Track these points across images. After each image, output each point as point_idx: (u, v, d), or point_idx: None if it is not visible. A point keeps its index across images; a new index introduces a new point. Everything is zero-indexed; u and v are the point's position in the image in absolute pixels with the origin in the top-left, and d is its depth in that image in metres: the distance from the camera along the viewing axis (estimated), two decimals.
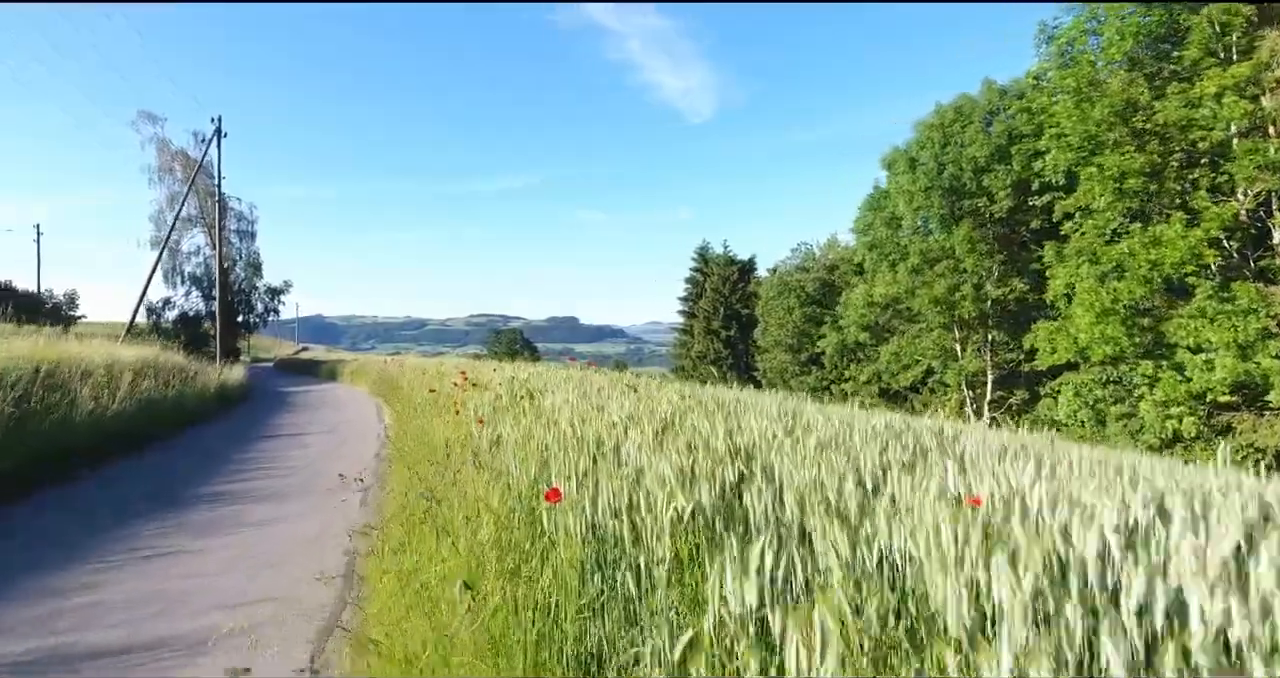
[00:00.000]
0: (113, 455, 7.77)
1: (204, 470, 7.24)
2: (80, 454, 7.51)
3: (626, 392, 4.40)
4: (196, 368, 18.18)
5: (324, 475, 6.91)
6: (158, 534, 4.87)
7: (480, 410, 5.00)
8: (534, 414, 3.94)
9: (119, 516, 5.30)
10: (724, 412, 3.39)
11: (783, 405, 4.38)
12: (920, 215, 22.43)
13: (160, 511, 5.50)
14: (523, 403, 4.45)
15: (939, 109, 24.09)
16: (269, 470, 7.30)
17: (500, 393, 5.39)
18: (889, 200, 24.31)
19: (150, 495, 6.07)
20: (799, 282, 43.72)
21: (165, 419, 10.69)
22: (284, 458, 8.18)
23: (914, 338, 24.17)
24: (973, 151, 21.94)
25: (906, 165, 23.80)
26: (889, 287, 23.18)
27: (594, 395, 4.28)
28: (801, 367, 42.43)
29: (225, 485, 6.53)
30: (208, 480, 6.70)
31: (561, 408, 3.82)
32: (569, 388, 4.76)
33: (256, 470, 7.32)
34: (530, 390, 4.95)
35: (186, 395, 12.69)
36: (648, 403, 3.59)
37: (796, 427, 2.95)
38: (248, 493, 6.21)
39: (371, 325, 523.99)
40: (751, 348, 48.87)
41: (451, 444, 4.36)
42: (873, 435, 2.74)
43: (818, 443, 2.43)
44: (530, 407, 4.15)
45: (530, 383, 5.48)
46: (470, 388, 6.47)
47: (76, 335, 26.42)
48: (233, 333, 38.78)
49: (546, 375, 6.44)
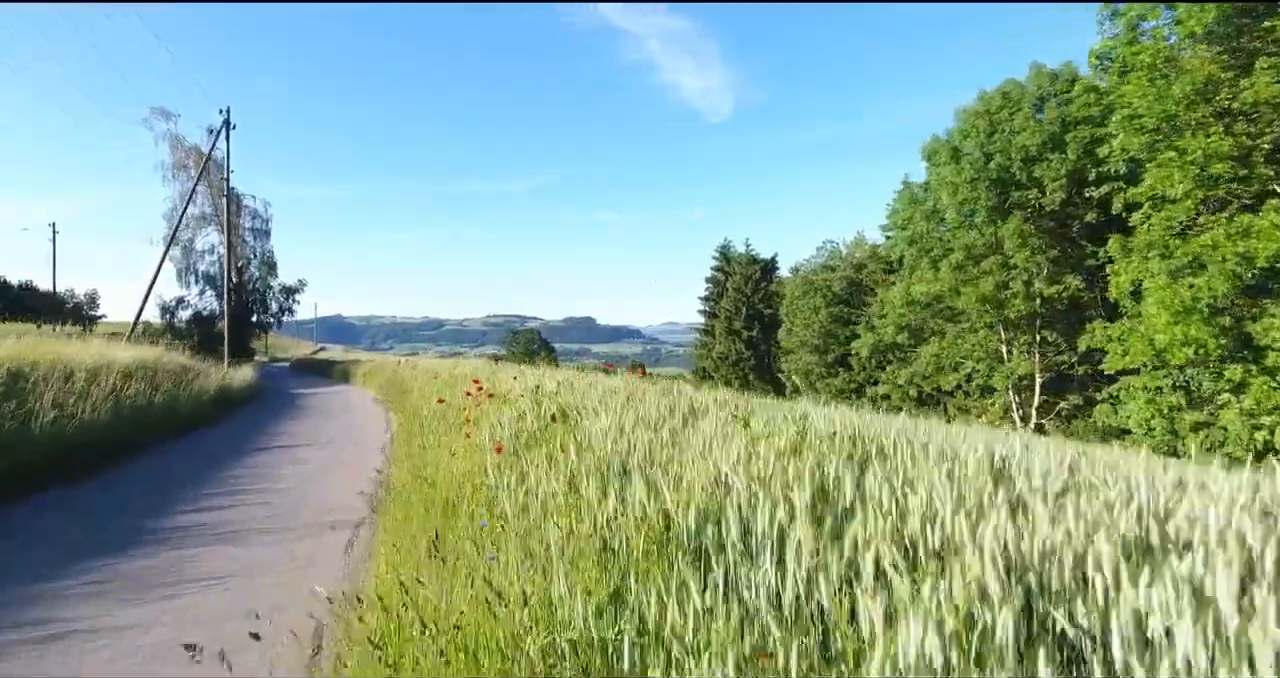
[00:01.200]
0: (71, 473, 6.68)
1: (170, 493, 6.11)
2: (34, 471, 6.42)
3: (706, 417, 3.16)
4: (201, 369, 17.22)
5: (309, 504, 5.75)
6: (74, 595, 3.71)
7: (498, 434, 3.78)
8: (575, 449, 2.71)
9: (31, 562, 4.16)
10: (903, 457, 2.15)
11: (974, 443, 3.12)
12: (965, 208, 20.94)
13: (93, 554, 4.35)
14: (555, 431, 3.23)
15: (983, 96, 22.60)
16: (246, 496, 6.14)
17: (523, 409, 4.16)
18: (930, 193, 22.85)
19: (91, 529, 4.93)
20: (825, 281, 42.36)
21: (152, 426, 9.63)
22: (270, 477, 7.03)
23: (955, 339, 22.66)
24: (1023, 140, 20.44)
25: (949, 156, 22.34)
26: (930, 284, 21.70)
27: (658, 419, 3.04)
28: (828, 369, 41.05)
29: (188, 516, 5.38)
30: (168, 509, 5.55)
31: (615, 439, 2.58)
32: (616, 406, 3.53)
33: (232, 495, 6.17)
34: (563, 410, 3.72)
35: (180, 400, 11.65)
36: (754, 443, 2.34)
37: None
38: (211, 528, 5.05)
39: (390, 326, 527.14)
40: (773, 349, 47.50)
41: (461, 487, 3.15)
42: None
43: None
44: (568, 438, 2.92)
45: (561, 397, 4.25)
46: (486, 400, 5.26)
47: (102, 336, 25.76)
48: (247, 332, 38.07)
49: (578, 384, 5.23)
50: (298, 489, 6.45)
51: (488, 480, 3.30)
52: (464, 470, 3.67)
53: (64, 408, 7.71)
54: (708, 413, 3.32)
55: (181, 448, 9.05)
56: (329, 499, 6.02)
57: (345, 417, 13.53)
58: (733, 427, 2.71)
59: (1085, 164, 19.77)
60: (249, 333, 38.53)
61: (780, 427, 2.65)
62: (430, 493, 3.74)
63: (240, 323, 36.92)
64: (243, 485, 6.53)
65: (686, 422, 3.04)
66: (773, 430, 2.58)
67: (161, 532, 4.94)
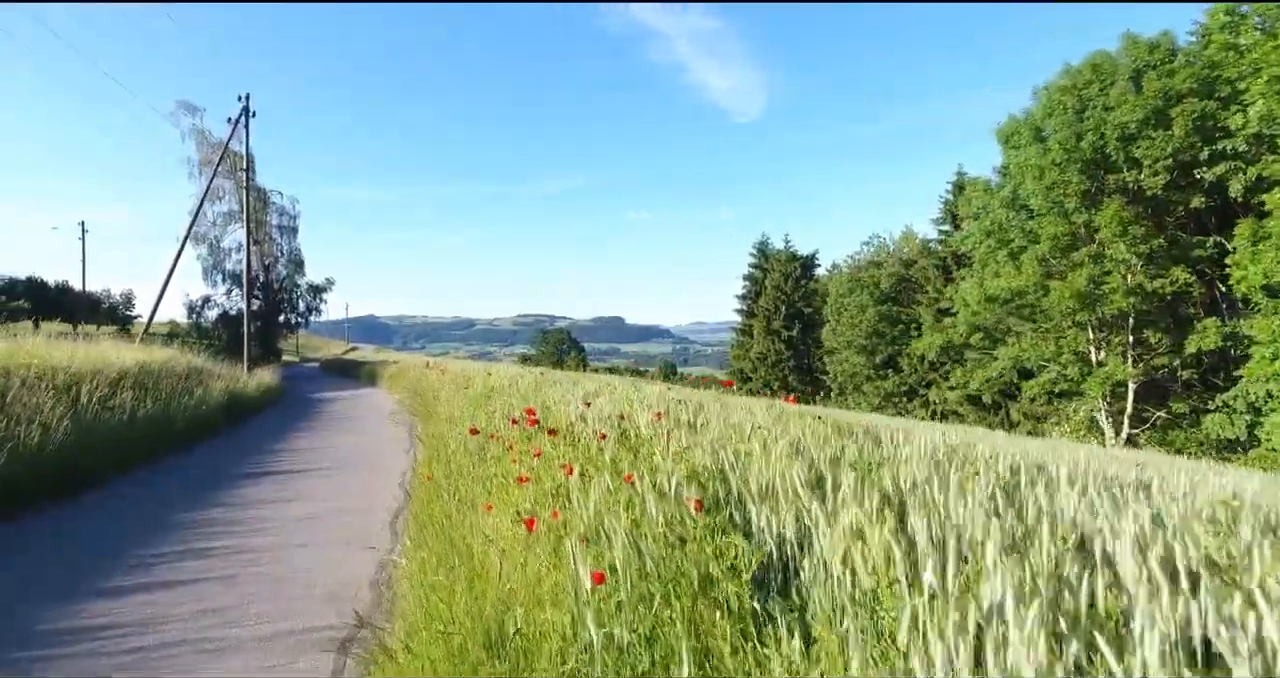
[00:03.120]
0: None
1: (98, 560, 4.42)
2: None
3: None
4: (216, 372, 15.83)
5: (286, 586, 4.02)
6: None
7: (585, 521, 2.00)
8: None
9: None
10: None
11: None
12: (1053, 194, 18.64)
13: None
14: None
15: (1069, 70, 20.27)
16: (204, 564, 4.44)
17: (621, 474, 2.35)
18: (1008, 178, 20.58)
19: None
20: (872, 277, 40.23)
21: (131, 444, 8.06)
22: (248, 527, 5.33)
23: (1038, 339, 20.33)
24: (1120, 116, 18.11)
25: (1031, 137, 20.06)
26: (1011, 279, 19.43)
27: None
28: (876, 370, 38.86)
29: (97, 615, 3.67)
30: (66, 600, 3.84)
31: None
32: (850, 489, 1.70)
33: (183, 562, 4.47)
34: (717, 497, 1.90)
35: (176, 410, 10.11)
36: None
37: None
38: (119, 634, 3.35)
39: (421, 325, 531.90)
40: (812, 349, 45.32)
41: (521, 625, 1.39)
42: None
43: None
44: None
45: (699, 457, 2.42)
46: (544, 438, 3.45)
47: (134, 336, 24.76)
48: (274, 332, 37.08)
49: (707, 415, 3.40)
50: (285, 546, 4.75)
51: (577, 634, 1.56)
52: (523, 590, 1.90)
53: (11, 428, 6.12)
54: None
55: (151, 477, 7.41)
56: (336, 557, 4.32)
57: (367, 431, 11.92)
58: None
59: (1194, 142, 17.42)
60: (276, 333, 37.51)
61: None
62: (465, 638, 1.97)
63: (267, 323, 35.93)
64: (206, 546, 4.81)
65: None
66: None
67: (38, 639, 3.23)
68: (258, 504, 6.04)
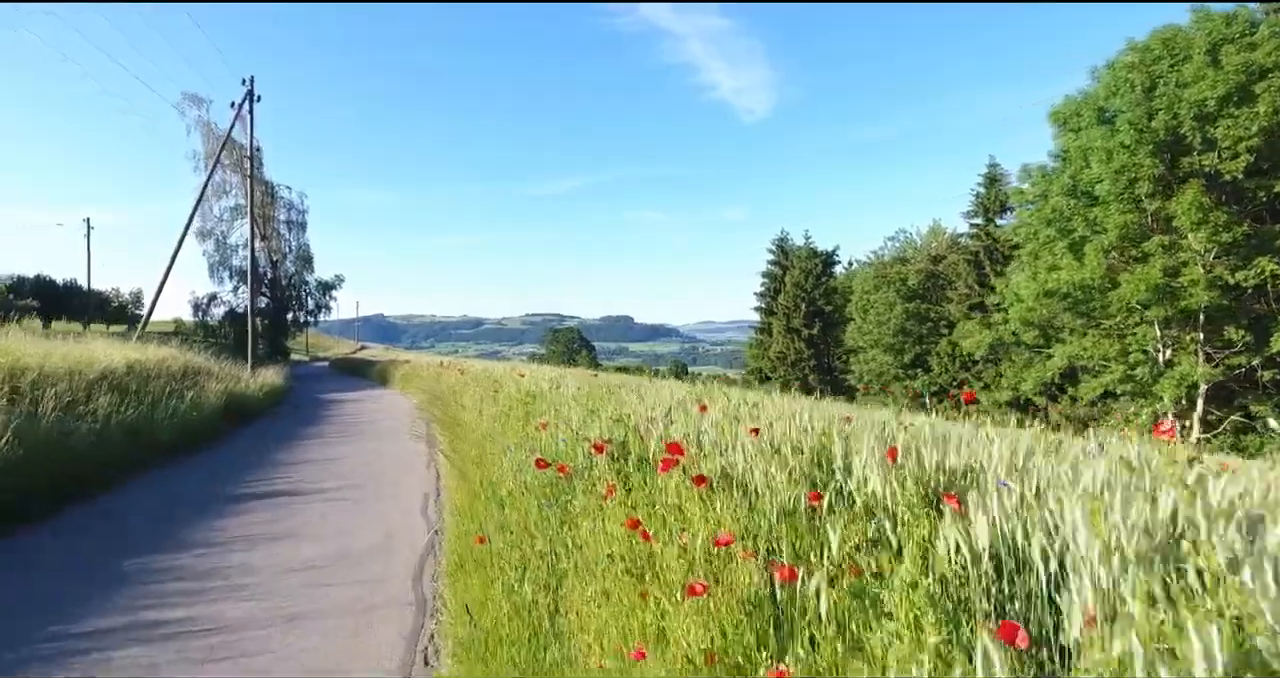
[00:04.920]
0: None
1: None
2: None
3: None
4: (216, 372, 14.56)
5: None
6: None
7: None
8: None
9: None
10: None
11: None
12: (1122, 179, 17.06)
13: None
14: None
15: (1134, 46, 18.67)
16: (148, 654, 3.08)
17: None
18: (1067, 163, 19.01)
19: None
20: (899, 273, 38.73)
21: (101, 461, 6.74)
22: (223, 586, 3.96)
23: (1102, 336, 18.74)
24: (1196, 93, 16.53)
25: (1094, 118, 18.48)
26: (1073, 272, 17.87)
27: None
28: (905, 370, 37.38)
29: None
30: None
31: None
32: None
33: (118, 650, 3.11)
34: None
35: (160, 416, 8.79)
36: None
37: None
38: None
39: (430, 324, 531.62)
40: (831, 348, 43.81)
41: None
42: None
43: None
44: None
45: None
46: (681, 486, 2.04)
47: (144, 335, 23.60)
48: (282, 330, 35.89)
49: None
50: (271, 618, 3.39)
51: None
52: None
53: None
54: None
55: (112, 504, 6.06)
56: (349, 636, 2.97)
57: (373, 440, 10.56)
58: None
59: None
60: (285, 331, 36.29)
61: None
62: None
63: (276, 321, 34.75)
64: (133, 644, 3.42)
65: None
66: None
67: None
68: (242, 545, 4.68)
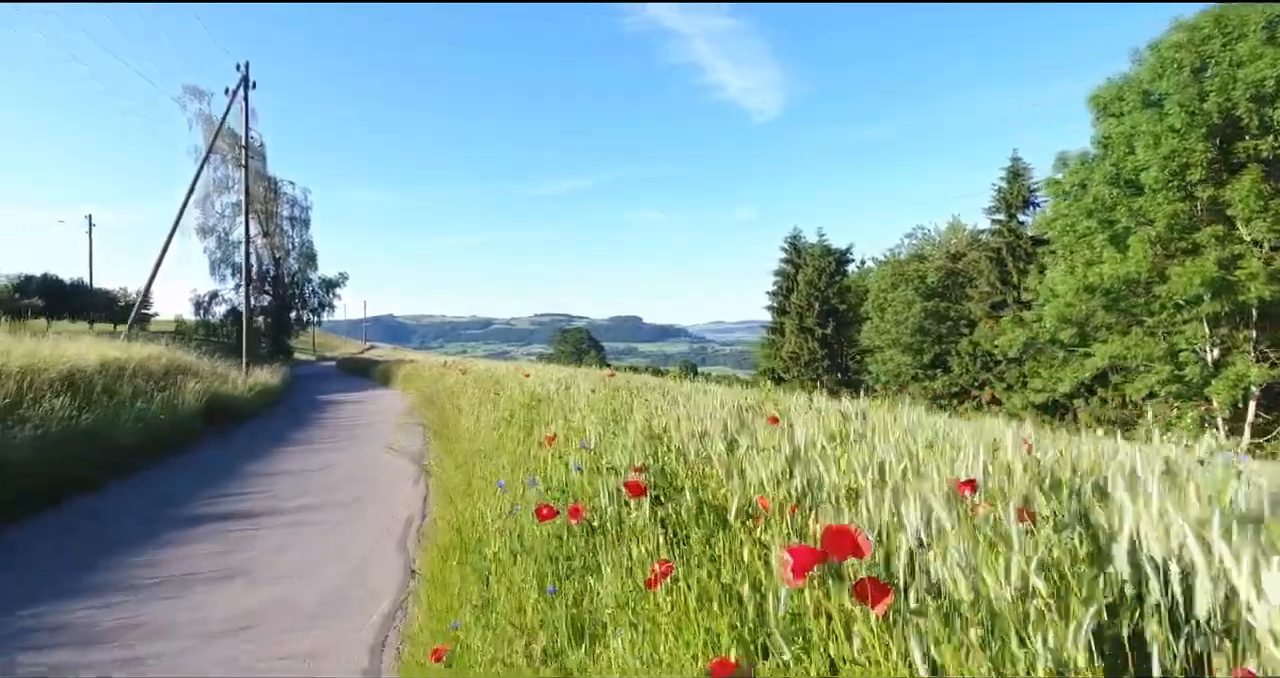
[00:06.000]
0: None
1: None
2: None
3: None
4: (204, 371, 13.67)
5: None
6: None
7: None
8: None
9: None
10: None
11: None
12: (1173, 164, 15.86)
13: None
14: None
15: (1182, 24, 17.46)
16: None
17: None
18: (1110, 150, 17.82)
19: None
20: (918, 271, 37.61)
21: (36, 474, 5.77)
22: (122, 657, 2.98)
23: (1146, 335, 17.54)
24: (1253, 73, 15.34)
25: (1139, 101, 17.29)
26: (1117, 265, 16.68)
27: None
28: (923, 370, 36.25)
29: None
30: None
31: None
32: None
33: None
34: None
35: (124, 420, 7.83)
36: None
37: None
38: None
39: (439, 324, 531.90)
40: (844, 348, 42.68)
41: None
42: None
43: None
44: None
45: None
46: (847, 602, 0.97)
47: (151, 334, 22.83)
48: (285, 329, 35.05)
49: None
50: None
51: None
52: None
53: None
54: None
55: (18, 538, 5.10)
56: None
57: (364, 445, 9.58)
58: None
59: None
60: (287, 329, 35.44)
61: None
62: None
63: (279, 319, 33.92)
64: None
65: None
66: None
67: None
68: (170, 589, 3.68)
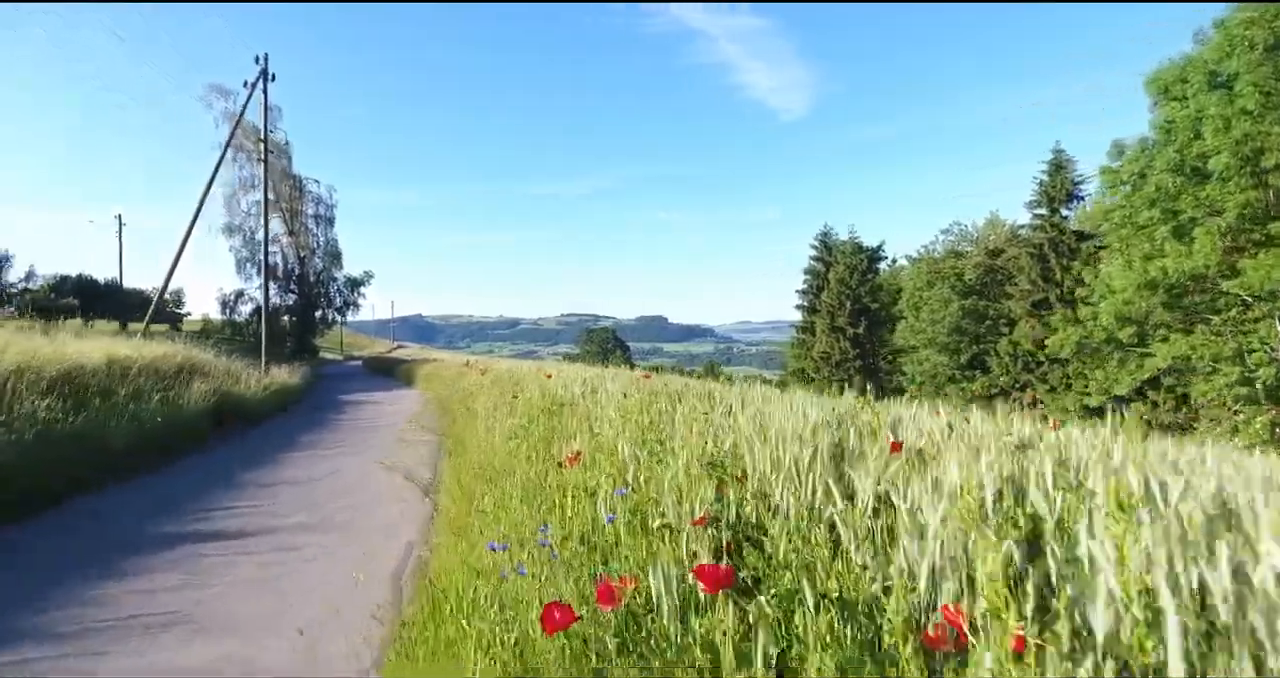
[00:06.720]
0: None
1: None
2: None
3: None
4: (218, 370, 13.24)
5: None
6: None
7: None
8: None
9: None
10: None
11: None
12: (1245, 149, 14.66)
13: None
14: None
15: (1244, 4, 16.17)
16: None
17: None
18: (1173, 136, 16.61)
19: None
20: (954, 268, 36.30)
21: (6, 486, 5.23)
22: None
23: (1212, 334, 16.31)
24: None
25: (1205, 83, 16.06)
26: (1182, 259, 15.50)
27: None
28: (961, 371, 34.96)
29: None
30: None
31: None
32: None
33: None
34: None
35: (117, 424, 7.30)
36: None
37: None
38: None
39: (467, 324, 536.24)
40: (876, 348, 41.43)
41: None
42: None
43: None
44: None
45: None
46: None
47: (185, 333, 22.76)
48: (310, 328, 34.92)
49: None
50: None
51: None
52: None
53: None
54: None
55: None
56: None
57: (377, 452, 8.97)
58: None
59: None
60: (312, 328, 35.32)
61: None
62: None
63: (304, 318, 33.81)
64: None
65: None
66: None
67: None
68: (105, 641, 3.02)
